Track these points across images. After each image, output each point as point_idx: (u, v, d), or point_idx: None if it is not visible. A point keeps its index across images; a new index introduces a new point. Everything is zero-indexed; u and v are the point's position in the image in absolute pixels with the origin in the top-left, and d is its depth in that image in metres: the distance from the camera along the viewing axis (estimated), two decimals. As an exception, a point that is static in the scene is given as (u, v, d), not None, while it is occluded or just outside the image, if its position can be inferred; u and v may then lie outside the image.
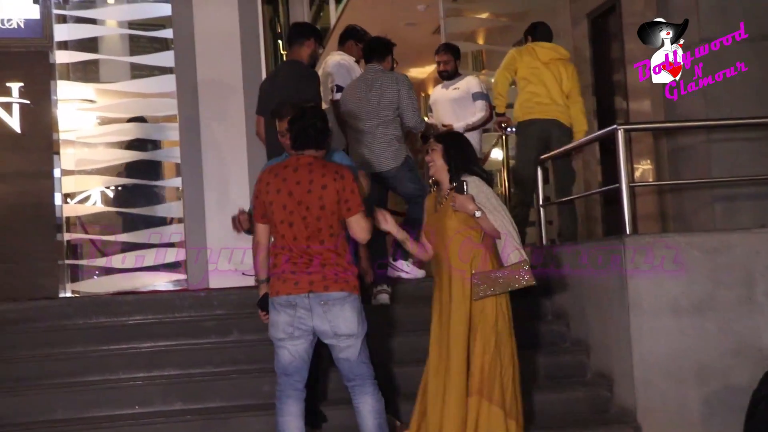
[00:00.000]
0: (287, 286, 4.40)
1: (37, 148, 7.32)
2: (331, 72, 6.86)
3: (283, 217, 4.43)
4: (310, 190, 4.41)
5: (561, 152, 6.61)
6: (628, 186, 5.43)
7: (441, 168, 4.64)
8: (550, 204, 7.04)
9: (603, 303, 5.51)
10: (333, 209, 4.41)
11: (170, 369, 5.53)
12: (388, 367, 5.34)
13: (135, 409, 5.28)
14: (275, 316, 4.43)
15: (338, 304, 4.39)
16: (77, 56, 8.20)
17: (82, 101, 8.34)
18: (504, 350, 4.49)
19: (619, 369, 5.32)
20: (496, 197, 4.55)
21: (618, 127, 5.47)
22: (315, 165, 4.47)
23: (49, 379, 5.48)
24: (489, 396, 4.41)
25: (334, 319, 4.39)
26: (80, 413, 5.23)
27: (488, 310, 4.47)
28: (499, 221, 4.46)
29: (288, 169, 4.48)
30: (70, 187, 8.01)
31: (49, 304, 6.29)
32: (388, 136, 6.25)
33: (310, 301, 4.38)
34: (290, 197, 4.42)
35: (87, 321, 6.03)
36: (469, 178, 4.54)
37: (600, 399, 5.42)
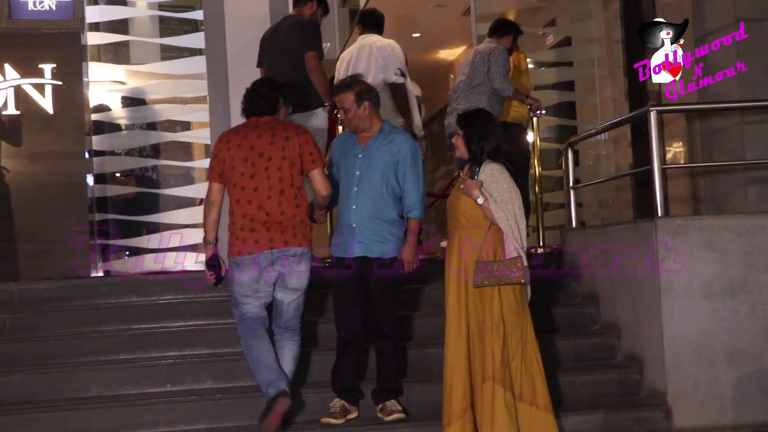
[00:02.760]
0: (248, 246, 4.69)
1: (69, 128, 7.39)
2: (399, 56, 6.86)
3: (244, 169, 4.71)
4: (272, 142, 4.73)
5: (592, 133, 6.58)
6: (660, 168, 5.40)
7: (463, 153, 4.70)
8: (580, 186, 7.01)
9: (634, 285, 5.50)
10: (295, 160, 4.72)
11: (201, 348, 5.60)
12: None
13: (166, 387, 5.36)
14: (239, 274, 4.73)
15: (297, 259, 4.72)
16: (108, 38, 8.27)
17: (112, 83, 8.42)
18: (512, 338, 4.47)
19: (650, 352, 5.32)
20: (511, 190, 4.51)
21: (651, 108, 5.44)
22: (275, 122, 4.86)
23: (83, 357, 5.57)
24: (501, 382, 4.42)
25: (290, 273, 4.72)
26: (112, 391, 5.32)
27: (494, 300, 4.47)
28: (501, 214, 4.45)
29: (249, 128, 4.83)
30: (101, 168, 8.09)
31: (81, 283, 6.36)
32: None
33: (272, 256, 4.67)
34: (252, 150, 4.73)
35: (119, 300, 6.11)
36: (489, 165, 4.55)
37: (630, 382, 5.42)
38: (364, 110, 4.99)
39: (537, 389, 4.51)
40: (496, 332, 4.45)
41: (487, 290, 4.46)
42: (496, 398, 4.39)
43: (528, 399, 4.48)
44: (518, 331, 4.49)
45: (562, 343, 5.72)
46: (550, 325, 5.93)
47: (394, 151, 4.97)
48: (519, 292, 4.52)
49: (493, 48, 7.06)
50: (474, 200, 4.48)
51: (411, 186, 4.95)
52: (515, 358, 4.48)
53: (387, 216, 4.94)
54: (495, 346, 4.43)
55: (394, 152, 4.97)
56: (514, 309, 4.49)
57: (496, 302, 4.46)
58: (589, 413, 5.09)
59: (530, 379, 4.50)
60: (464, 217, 4.57)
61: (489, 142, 4.59)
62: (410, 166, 4.96)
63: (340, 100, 5.05)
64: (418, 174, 4.98)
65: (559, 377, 5.33)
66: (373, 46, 6.73)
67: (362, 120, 5.01)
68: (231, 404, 5.14)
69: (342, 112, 5.06)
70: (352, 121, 5.02)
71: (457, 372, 4.51)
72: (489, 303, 4.47)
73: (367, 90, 5.06)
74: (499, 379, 4.41)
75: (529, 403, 4.48)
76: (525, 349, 4.51)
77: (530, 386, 4.50)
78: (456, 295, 4.57)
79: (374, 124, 5.05)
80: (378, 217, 4.92)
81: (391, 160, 4.96)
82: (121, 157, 8.33)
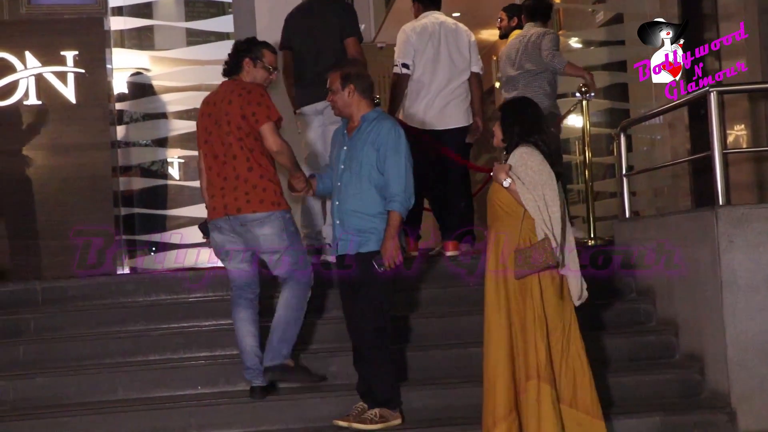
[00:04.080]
0: (210, 211, 5.12)
1: (92, 118, 7.44)
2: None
3: (205, 137, 5.12)
4: (220, 108, 5.05)
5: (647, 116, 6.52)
6: (721, 153, 5.33)
7: (498, 138, 4.72)
8: (634, 173, 6.96)
9: (693, 279, 5.44)
10: (238, 123, 4.98)
11: (233, 348, 5.56)
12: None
13: (197, 389, 5.41)
14: (213, 238, 5.17)
15: (256, 225, 4.98)
16: (132, 22, 8.33)
17: (136, 69, 8.48)
18: (553, 334, 4.46)
19: (711, 350, 5.26)
20: (542, 172, 4.48)
21: (710, 89, 5.36)
22: (231, 85, 5.13)
23: (109, 358, 5.65)
24: (547, 379, 4.40)
25: (254, 239, 5.03)
26: (141, 393, 5.38)
27: (534, 293, 4.46)
28: (528, 196, 4.44)
29: (213, 94, 5.19)
30: (127, 160, 8.16)
31: (108, 280, 6.42)
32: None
33: (231, 222, 5.03)
34: (209, 117, 5.11)
35: (146, 298, 6.18)
36: (520, 148, 4.55)
37: (690, 382, 5.36)
38: (349, 94, 4.96)
39: (579, 390, 4.48)
40: (539, 326, 4.44)
41: (527, 283, 4.46)
42: (543, 397, 4.38)
43: (567, 400, 4.46)
44: (560, 325, 4.48)
45: (615, 341, 5.67)
46: (602, 322, 5.89)
47: (375, 141, 4.90)
48: (559, 287, 4.50)
49: (544, 32, 7.17)
50: (500, 184, 4.49)
51: (391, 175, 4.84)
52: (556, 356, 4.47)
53: (372, 210, 4.88)
54: (539, 340, 4.42)
55: (375, 142, 4.90)
56: (553, 303, 4.48)
57: (537, 295, 4.46)
58: (645, 416, 5.05)
59: (571, 379, 4.48)
60: (500, 206, 4.58)
61: (523, 127, 4.60)
62: (390, 154, 4.85)
63: (329, 81, 5.06)
64: (400, 162, 4.86)
65: (613, 378, 5.29)
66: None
67: (346, 105, 4.98)
68: (266, 407, 5.16)
69: (329, 92, 5.05)
70: (336, 104, 5.02)
71: (501, 371, 4.49)
72: (529, 296, 4.46)
73: (356, 74, 5.00)
74: (544, 377, 4.39)
75: (568, 404, 4.46)
76: (568, 347, 4.49)
77: (570, 386, 4.47)
78: (495, 290, 4.57)
79: (359, 111, 4.99)
80: (361, 212, 4.88)
81: (373, 150, 4.89)
82: (146, 148, 8.40)
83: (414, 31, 6.91)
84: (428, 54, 6.86)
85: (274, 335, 5.13)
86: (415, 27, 6.95)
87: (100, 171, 7.46)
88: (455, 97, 6.92)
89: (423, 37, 6.87)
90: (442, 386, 5.27)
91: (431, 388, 5.26)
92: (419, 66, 6.85)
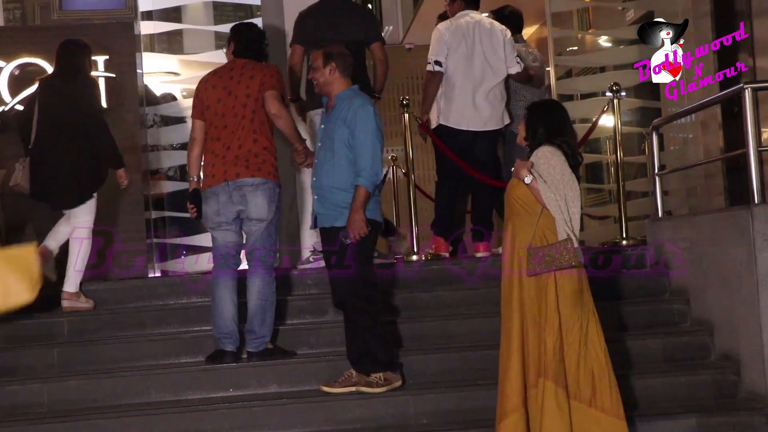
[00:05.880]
0: (208, 179, 5.40)
1: (124, 122, 7.46)
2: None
3: (217, 109, 5.42)
4: (240, 81, 5.44)
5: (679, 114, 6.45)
6: (756, 150, 5.29)
7: (522, 137, 4.74)
8: (666, 173, 6.90)
9: (728, 278, 5.39)
10: (257, 96, 5.39)
11: (265, 351, 5.64)
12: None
13: (229, 392, 5.42)
14: (205, 207, 5.42)
15: (251, 190, 5.30)
16: (161, 26, 8.40)
17: (166, 74, 8.54)
18: (570, 332, 4.42)
19: (748, 350, 5.20)
20: (564, 172, 4.46)
21: (745, 86, 5.32)
22: (249, 63, 5.54)
23: (143, 360, 5.69)
24: (553, 378, 4.37)
25: (246, 204, 5.32)
26: (173, 396, 5.41)
27: (549, 290, 4.43)
28: (550, 195, 4.42)
29: (225, 69, 5.58)
30: (157, 163, 8.21)
31: (140, 283, 6.48)
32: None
33: (228, 188, 5.32)
34: (224, 90, 5.45)
35: (178, 301, 6.24)
36: (544, 147, 4.54)
37: (726, 383, 5.31)
38: (330, 72, 5.17)
39: (598, 389, 4.42)
40: (550, 324, 4.41)
41: (543, 280, 4.43)
42: (546, 395, 4.36)
43: (586, 399, 4.41)
44: (576, 324, 4.44)
45: (648, 341, 5.63)
46: (635, 322, 5.85)
47: (346, 118, 5.09)
48: (578, 283, 4.46)
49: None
50: (522, 180, 4.48)
51: (358, 150, 5.03)
52: (572, 354, 4.42)
53: (345, 185, 5.08)
54: (549, 338, 4.40)
55: (346, 119, 5.09)
56: (570, 300, 4.44)
57: (552, 292, 4.43)
58: (680, 418, 5.00)
59: (589, 379, 4.43)
60: (518, 202, 4.57)
61: (548, 129, 4.60)
62: (359, 130, 5.03)
63: (311, 58, 5.37)
64: (367, 138, 5.02)
65: (647, 379, 5.25)
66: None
67: (326, 83, 5.20)
68: (298, 409, 5.17)
69: (311, 70, 5.31)
70: (318, 81, 5.23)
71: (511, 365, 4.48)
72: (544, 293, 4.44)
73: (338, 54, 5.22)
74: (551, 375, 4.37)
75: (587, 404, 4.41)
76: (585, 345, 4.45)
77: (589, 386, 4.42)
78: (509, 287, 4.57)
79: (337, 89, 5.18)
80: (336, 187, 5.10)
81: (345, 127, 5.08)
82: (176, 151, 8.44)
83: (448, 29, 6.92)
84: (461, 52, 6.85)
85: (254, 323, 5.45)
86: (450, 26, 6.95)
87: (131, 175, 7.47)
88: (491, 98, 6.90)
89: (457, 36, 6.87)
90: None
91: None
92: (452, 64, 6.84)
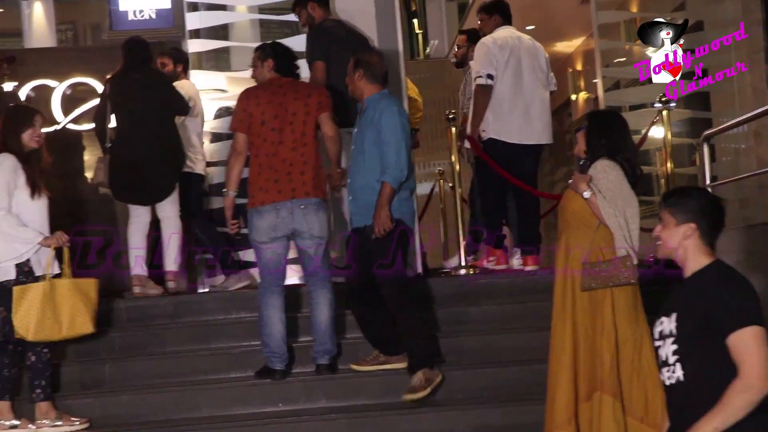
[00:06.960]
0: (271, 195, 5.37)
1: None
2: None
3: (273, 125, 5.42)
4: (296, 98, 5.48)
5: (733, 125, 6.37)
6: (812, 160, 5.19)
7: (581, 147, 4.70)
8: (718, 184, 6.80)
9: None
10: (315, 114, 5.49)
11: (313, 365, 5.62)
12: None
13: (278, 406, 5.44)
14: (259, 221, 5.42)
15: (315, 209, 5.40)
16: (209, 44, 8.48)
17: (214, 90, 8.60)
18: (625, 346, 4.38)
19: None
20: (623, 188, 4.43)
21: (800, 95, 5.23)
22: (296, 82, 5.67)
23: (192, 375, 5.73)
24: (611, 391, 4.33)
25: (312, 222, 5.37)
26: (224, 410, 5.43)
27: (606, 304, 4.38)
28: (609, 210, 4.38)
29: (273, 86, 5.57)
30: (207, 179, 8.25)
31: (189, 299, 6.54)
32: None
33: (292, 205, 5.35)
34: (280, 106, 5.45)
35: (227, 317, 6.27)
36: (603, 161, 4.48)
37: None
38: (358, 78, 5.41)
39: (651, 405, 4.36)
40: (607, 339, 4.38)
41: (598, 294, 4.40)
42: (604, 408, 4.32)
43: (639, 415, 4.36)
44: (630, 339, 4.40)
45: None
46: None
47: (374, 119, 5.27)
48: (633, 298, 4.42)
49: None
50: (580, 194, 4.43)
51: (384, 147, 5.21)
52: (627, 369, 4.38)
53: (377, 185, 5.22)
54: (606, 352, 4.37)
55: (374, 120, 5.27)
56: (626, 315, 4.40)
57: (608, 307, 4.39)
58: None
59: (643, 395, 4.37)
60: (573, 215, 4.54)
61: (610, 141, 4.53)
62: (385, 129, 5.20)
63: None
64: (392, 137, 5.19)
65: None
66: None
67: (356, 88, 5.45)
68: (347, 424, 5.18)
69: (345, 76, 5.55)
70: (349, 86, 5.51)
71: (561, 379, 4.45)
72: (600, 308, 4.41)
73: (365, 61, 5.44)
74: (608, 389, 4.33)
75: (639, 420, 4.36)
76: (639, 361, 4.39)
77: (642, 402, 4.37)
78: (562, 300, 4.54)
79: (366, 94, 5.40)
80: (368, 187, 5.27)
81: (374, 128, 5.27)
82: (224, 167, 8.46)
83: (495, 43, 6.91)
84: (511, 66, 6.84)
85: (326, 334, 5.49)
86: (496, 39, 6.94)
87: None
88: (540, 112, 6.88)
89: (504, 50, 6.87)
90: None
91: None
92: (502, 78, 6.83)
